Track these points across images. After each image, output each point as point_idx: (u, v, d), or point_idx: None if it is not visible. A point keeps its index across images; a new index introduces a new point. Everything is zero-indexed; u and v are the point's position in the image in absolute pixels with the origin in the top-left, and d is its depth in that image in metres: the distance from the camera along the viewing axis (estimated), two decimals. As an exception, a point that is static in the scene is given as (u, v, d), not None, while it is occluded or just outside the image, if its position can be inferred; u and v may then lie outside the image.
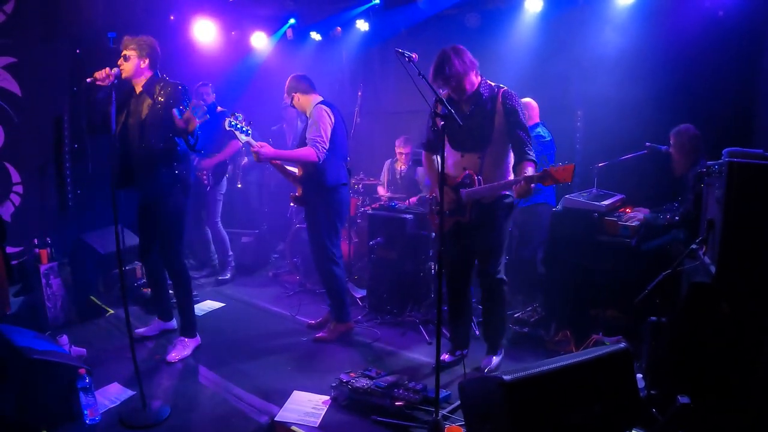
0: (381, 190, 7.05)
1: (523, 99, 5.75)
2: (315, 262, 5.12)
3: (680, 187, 4.80)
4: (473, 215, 4.12)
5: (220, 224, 6.90)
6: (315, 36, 8.11)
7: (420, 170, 6.82)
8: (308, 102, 4.98)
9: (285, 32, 8.09)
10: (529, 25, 6.57)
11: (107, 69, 3.87)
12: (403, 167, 6.98)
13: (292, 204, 5.24)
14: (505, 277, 4.32)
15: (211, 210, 6.81)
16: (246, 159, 7.42)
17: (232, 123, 4.37)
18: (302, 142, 4.89)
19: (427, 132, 4.40)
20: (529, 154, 3.93)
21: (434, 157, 4.42)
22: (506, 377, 2.61)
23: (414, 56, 3.52)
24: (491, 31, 6.68)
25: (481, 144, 4.04)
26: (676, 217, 4.53)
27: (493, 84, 4.10)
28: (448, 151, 4.19)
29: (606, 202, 4.91)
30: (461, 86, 3.97)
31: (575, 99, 6.50)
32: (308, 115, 4.94)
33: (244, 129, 4.43)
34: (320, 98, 4.99)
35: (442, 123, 3.34)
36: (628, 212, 5.03)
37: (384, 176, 7.15)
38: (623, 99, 5.68)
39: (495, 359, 4.41)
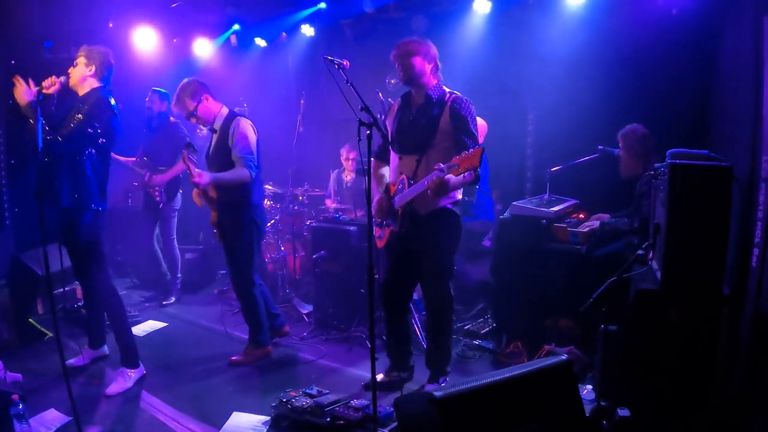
0: (328, 202, 6.88)
1: None
2: (235, 287, 4.90)
3: (632, 191, 4.69)
4: (405, 225, 3.94)
5: (175, 242, 6.58)
6: (260, 42, 7.91)
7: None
8: (218, 108, 4.68)
9: (229, 38, 7.89)
10: (477, 26, 6.44)
11: (53, 77, 3.82)
12: (350, 177, 6.81)
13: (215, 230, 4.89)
14: (451, 294, 4.13)
15: (165, 227, 6.49)
16: None
17: (192, 159, 4.33)
18: (221, 159, 4.58)
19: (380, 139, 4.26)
20: None
21: (383, 165, 4.30)
22: (437, 394, 2.49)
23: (345, 63, 3.39)
24: (439, 34, 6.49)
25: (419, 146, 3.89)
26: (635, 224, 4.41)
27: (447, 90, 3.98)
28: (392, 155, 4.11)
29: (556, 208, 4.80)
30: (414, 73, 3.87)
31: (526, 102, 6.40)
32: (216, 126, 4.64)
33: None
34: (227, 108, 4.73)
35: (368, 132, 3.19)
36: (581, 218, 4.92)
37: (331, 187, 6.98)
38: (576, 101, 5.58)
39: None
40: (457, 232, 4.06)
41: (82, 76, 4.20)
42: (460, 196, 4.05)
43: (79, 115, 4.08)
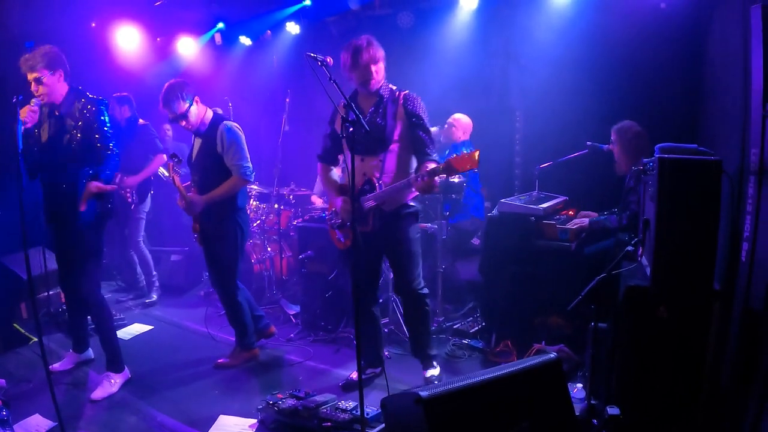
0: (314, 199, 6.80)
1: (456, 114, 5.79)
2: (219, 292, 4.83)
3: (621, 187, 4.65)
4: (376, 224, 3.98)
5: (142, 243, 6.58)
6: (245, 40, 7.85)
7: None
8: (204, 111, 4.55)
9: (213, 37, 7.83)
10: (464, 22, 6.39)
11: (26, 108, 3.74)
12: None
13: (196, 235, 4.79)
14: (425, 290, 4.17)
15: (132, 229, 6.48)
16: None
17: (178, 171, 4.34)
18: (205, 164, 4.52)
19: (324, 140, 4.27)
20: (430, 154, 3.89)
21: (332, 169, 4.36)
22: (423, 393, 2.43)
23: (328, 60, 3.35)
24: (426, 31, 6.51)
25: (380, 147, 3.93)
26: (624, 221, 4.37)
27: (394, 87, 4.03)
28: (348, 157, 4.07)
29: (544, 205, 4.76)
30: (371, 77, 3.87)
31: (514, 99, 6.37)
32: (201, 130, 4.54)
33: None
34: (212, 111, 4.63)
35: (351, 129, 3.19)
36: (570, 215, 4.88)
37: (318, 186, 6.90)
38: (564, 97, 5.54)
39: (433, 371, 4.25)
40: (417, 223, 4.16)
41: (55, 87, 4.05)
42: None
43: (95, 125, 4.07)
